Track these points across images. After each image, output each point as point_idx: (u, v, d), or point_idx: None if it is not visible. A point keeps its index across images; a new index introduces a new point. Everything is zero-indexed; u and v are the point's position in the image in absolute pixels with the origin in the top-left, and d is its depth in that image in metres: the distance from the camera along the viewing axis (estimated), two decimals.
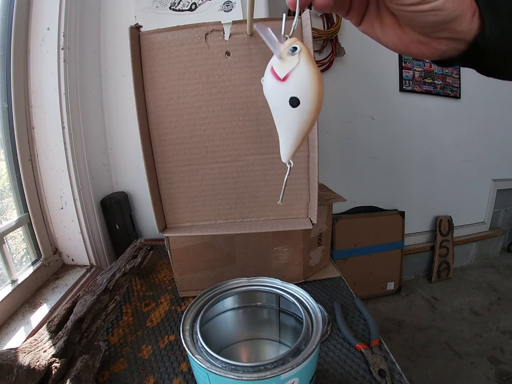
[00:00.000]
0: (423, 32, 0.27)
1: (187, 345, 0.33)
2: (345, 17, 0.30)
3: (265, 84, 0.24)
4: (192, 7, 0.89)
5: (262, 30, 0.24)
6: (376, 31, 0.29)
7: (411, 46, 0.28)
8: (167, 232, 0.59)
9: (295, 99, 0.21)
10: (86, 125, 0.85)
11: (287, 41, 0.23)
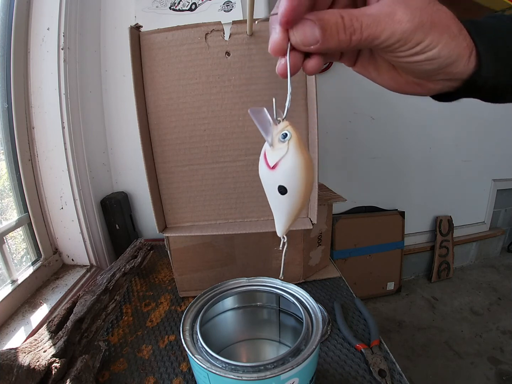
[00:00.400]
0: (418, 77, 0.27)
1: (187, 345, 0.33)
2: (338, 61, 0.29)
3: (259, 168, 0.24)
4: (192, 7, 0.89)
5: (256, 112, 0.24)
6: (371, 73, 0.29)
7: (406, 87, 0.28)
8: (167, 232, 0.59)
9: (283, 187, 0.22)
10: (86, 125, 0.85)
11: (280, 124, 0.23)
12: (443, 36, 0.23)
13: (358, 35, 0.22)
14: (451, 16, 0.24)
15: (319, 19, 0.21)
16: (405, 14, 0.22)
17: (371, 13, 0.22)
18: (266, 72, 0.54)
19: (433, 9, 0.23)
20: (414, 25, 0.22)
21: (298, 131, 0.23)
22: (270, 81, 0.55)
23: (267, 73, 0.54)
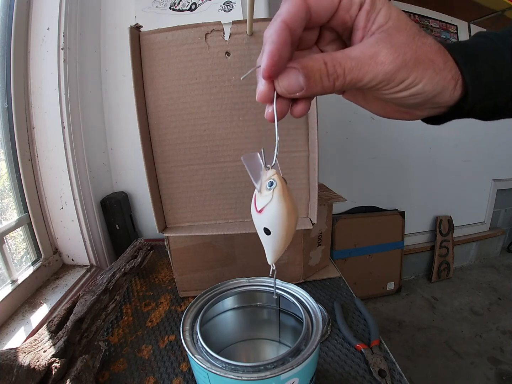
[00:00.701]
0: (404, 107, 0.27)
1: (187, 345, 0.33)
2: None
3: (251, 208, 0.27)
4: (192, 7, 0.89)
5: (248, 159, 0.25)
6: (360, 101, 0.30)
7: (395, 115, 0.29)
8: (167, 232, 0.59)
9: (267, 229, 0.25)
10: (86, 125, 0.85)
11: (269, 171, 0.25)
12: (427, 72, 0.23)
13: (341, 81, 0.22)
14: (437, 48, 0.24)
15: (303, 67, 0.22)
16: (388, 54, 0.22)
17: (354, 56, 0.22)
18: None
19: (418, 44, 0.23)
20: (397, 65, 0.22)
21: (283, 180, 0.25)
22: None
23: None
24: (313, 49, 0.26)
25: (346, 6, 0.23)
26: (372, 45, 0.22)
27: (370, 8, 0.23)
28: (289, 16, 0.21)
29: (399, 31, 0.23)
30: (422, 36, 0.24)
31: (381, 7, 0.23)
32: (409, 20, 0.24)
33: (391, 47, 0.22)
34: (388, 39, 0.22)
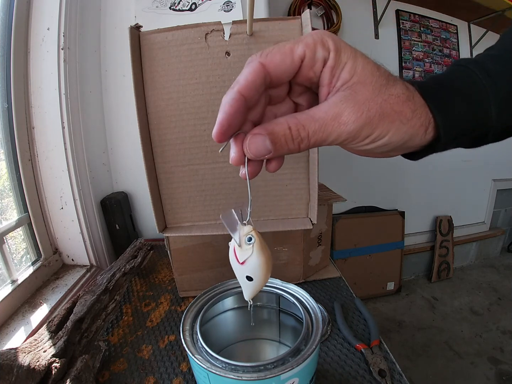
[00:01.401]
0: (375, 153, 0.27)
1: (187, 345, 0.33)
2: None
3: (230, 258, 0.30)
4: (192, 7, 0.89)
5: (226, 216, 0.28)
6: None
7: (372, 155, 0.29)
8: (167, 232, 0.59)
9: (250, 277, 0.29)
10: (86, 125, 0.85)
11: (246, 227, 0.28)
12: (393, 124, 0.23)
13: (305, 143, 0.23)
14: (405, 98, 0.24)
15: (269, 132, 0.23)
16: (351, 113, 0.22)
17: (318, 118, 0.22)
18: None
19: (383, 97, 0.23)
20: (360, 123, 0.22)
21: (259, 234, 0.28)
22: None
23: None
24: (286, 101, 0.27)
25: (309, 63, 0.23)
26: (336, 104, 0.22)
27: (334, 63, 0.23)
28: (246, 85, 0.22)
29: (365, 85, 0.23)
30: (390, 86, 0.23)
31: (346, 61, 0.23)
32: (376, 70, 0.24)
33: (355, 105, 0.22)
34: (352, 96, 0.23)
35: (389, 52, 1.73)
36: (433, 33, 1.78)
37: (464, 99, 0.25)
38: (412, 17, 1.73)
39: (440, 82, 0.26)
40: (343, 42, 0.23)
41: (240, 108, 0.23)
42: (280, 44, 0.23)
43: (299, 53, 0.22)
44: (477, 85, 0.25)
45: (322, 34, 0.23)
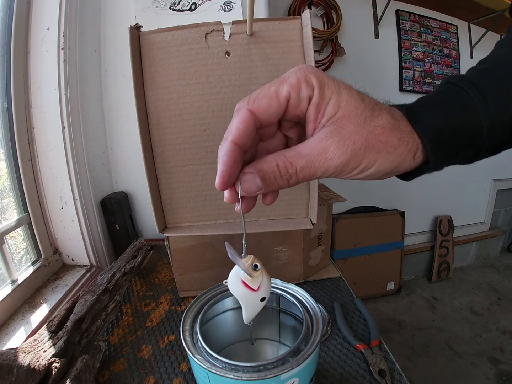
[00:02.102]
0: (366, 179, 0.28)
1: (187, 345, 0.33)
2: None
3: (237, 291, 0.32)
4: (192, 7, 0.89)
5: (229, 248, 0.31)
6: None
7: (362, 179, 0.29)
8: (167, 232, 0.59)
9: (264, 298, 0.32)
10: (86, 125, 0.85)
11: (247, 258, 0.31)
12: (379, 155, 0.24)
13: (294, 179, 0.24)
14: (390, 128, 0.24)
15: (258, 170, 0.24)
16: (337, 149, 0.23)
17: (305, 154, 0.23)
18: (266, 72, 0.54)
19: (369, 128, 0.23)
20: (346, 158, 0.23)
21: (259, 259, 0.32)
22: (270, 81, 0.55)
23: (267, 73, 0.54)
24: (276, 135, 0.27)
25: (295, 103, 0.24)
26: (321, 140, 0.23)
27: (319, 100, 0.23)
28: (238, 134, 0.23)
29: (349, 119, 0.23)
30: (375, 117, 0.24)
31: (330, 97, 0.23)
32: (360, 102, 0.24)
33: (340, 139, 0.23)
34: (337, 131, 0.23)
35: (389, 52, 1.73)
36: (433, 33, 1.78)
37: (454, 121, 0.25)
38: (412, 17, 1.73)
39: (429, 103, 0.27)
40: (326, 77, 0.24)
41: (237, 157, 0.24)
42: (265, 87, 0.24)
43: (284, 94, 0.23)
44: (468, 104, 0.25)
45: (305, 71, 0.24)
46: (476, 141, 0.26)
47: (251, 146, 0.25)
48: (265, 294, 0.32)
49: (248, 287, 0.31)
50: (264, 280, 0.31)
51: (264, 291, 0.31)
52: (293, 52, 0.54)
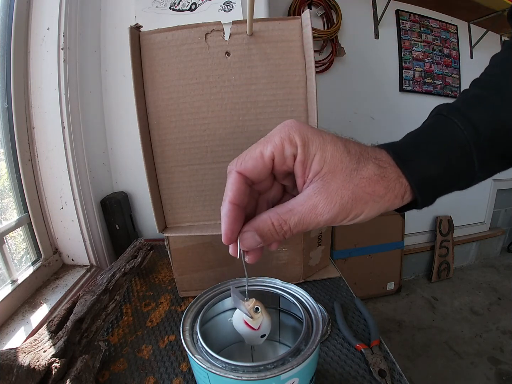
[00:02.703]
0: None
1: (187, 345, 0.33)
2: None
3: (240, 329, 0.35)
4: (192, 7, 0.89)
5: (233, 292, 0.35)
6: None
7: None
8: (167, 232, 0.59)
9: (264, 335, 0.36)
10: (86, 125, 0.85)
11: (250, 301, 0.35)
12: (367, 205, 0.25)
13: (289, 234, 0.26)
14: (377, 177, 0.24)
15: (256, 229, 0.26)
16: (325, 205, 0.24)
17: (297, 212, 0.25)
18: (266, 72, 0.54)
19: (355, 181, 0.24)
20: (335, 212, 0.24)
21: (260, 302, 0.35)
22: (270, 81, 0.55)
23: (267, 73, 0.54)
24: (274, 186, 0.29)
25: (280, 161, 0.25)
26: (310, 197, 0.25)
27: (303, 158, 0.25)
28: (233, 195, 0.25)
29: (335, 174, 0.24)
30: (361, 168, 0.24)
31: (315, 153, 0.24)
32: (346, 155, 0.25)
33: (328, 196, 0.24)
34: (324, 188, 0.24)
35: (389, 52, 1.73)
36: (433, 33, 1.78)
37: (444, 160, 0.25)
38: (412, 17, 1.73)
39: (418, 142, 0.27)
40: (311, 132, 0.25)
41: (236, 215, 0.26)
42: (252, 148, 0.26)
43: (268, 155, 0.25)
44: (459, 138, 0.25)
45: (288, 130, 0.25)
46: (467, 175, 0.26)
47: (249, 201, 0.27)
48: (265, 332, 0.35)
49: (250, 327, 0.35)
50: (264, 320, 0.35)
51: (264, 330, 0.35)
52: (293, 52, 0.54)
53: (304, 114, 0.56)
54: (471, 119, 0.26)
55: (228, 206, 0.26)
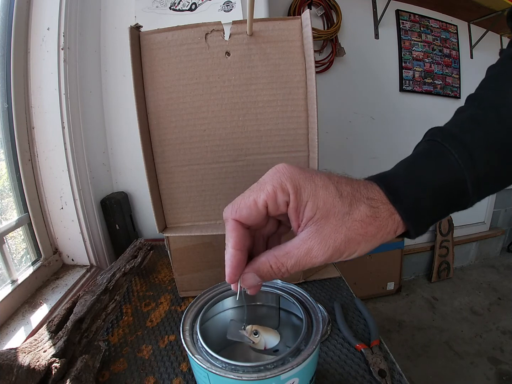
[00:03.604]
0: None
1: (187, 345, 0.33)
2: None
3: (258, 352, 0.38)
4: (192, 7, 0.89)
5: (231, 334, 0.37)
6: None
7: None
8: (167, 232, 0.59)
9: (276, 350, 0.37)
10: (86, 125, 0.85)
11: (249, 327, 0.37)
12: (359, 245, 0.26)
13: (287, 274, 0.27)
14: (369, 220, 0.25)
15: (255, 270, 0.27)
16: (319, 249, 0.25)
17: (293, 255, 0.26)
18: (266, 72, 0.54)
19: (347, 225, 0.25)
20: (329, 255, 0.25)
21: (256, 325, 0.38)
22: (270, 81, 0.55)
23: (267, 73, 0.54)
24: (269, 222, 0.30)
25: (274, 208, 0.26)
26: (305, 242, 0.26)
27: (296, 205, 0.25)
28: (234, 241, 0.27)
29: (328, 219, 0.25)
30: (354, 211, 0.25)
31: (307, 200, 0.25)
32: (338, 199, 0.25)
33: (321, 240, 0.25)
34: (318, 232, 0.25)
35: (389, 52, 1.73)
36: (433, 33, 1.78)
37: (438, 190, 0.26)
38: (412, 17, 1.73)
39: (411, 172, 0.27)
40: (302, 178, 0.25)
41: (240, 260, 0.27)
42: (246, 195, 0.26)
43: (261, 203, 0.26)
44: (453, 167, 0.26)
45: (280, 177, 0.25)
46: (462, 203, 0.27)
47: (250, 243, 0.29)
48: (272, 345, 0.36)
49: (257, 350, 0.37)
50: (268, 339, 0.36)
51: (273, 346, 0.36)
52: (293, 52, 0.54)
53: (304, 114, 0.56)
54: (466, 145, 0.26)
55: (231, 252, 0.27)
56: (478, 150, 0.25)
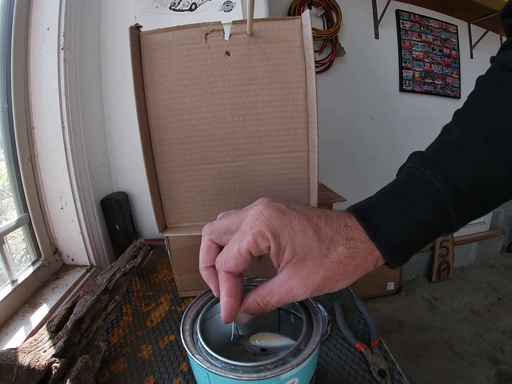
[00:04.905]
0: None
1: (187, 345, 0.33)
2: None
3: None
4: (192, 7, 0.89)
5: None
6: None
7: None
8: (167, 232, 0.59)
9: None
10: (86, 125, 0.85)
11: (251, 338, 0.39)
12: (338, 283, 0.27)
13: (274, 308, 0.29)
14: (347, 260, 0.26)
15: (245, 310, 0.30)
16: (299, 289, 0.27)
17: (275, 293, 0.28)
18: (266, 72, 0.54)
19: (325, 266, 0.26)
20: (309, 293, 0.27)
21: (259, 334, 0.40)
22: (270, 81, 0.55)
23: (267, 73, 0.54)
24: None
25: (257, 253, 0.28)
26: (285, 282, 0.28)
27: (276, 250, 0.27)
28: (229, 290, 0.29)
29: (305, 262, 0.27)
30: (331, 252, 0.26)
31: (285, 245, 0.27)
32: (315, 242, 0.26)
33: (300, 281, 0.27)
34: (297, 274, 0.27)
35: (389, 52, 1.73)
36: (433, 33, 1.78)
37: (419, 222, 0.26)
38: (412, 17, 1.73)
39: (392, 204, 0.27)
40: (280, 225, 0.27)
41: (234, 305, 0.30)
42: (230, 247, 0.28)
43: (244, 252, 0.27)
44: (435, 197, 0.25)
45: (259, 226, 0.27)
46: (444, 230, 0.27)
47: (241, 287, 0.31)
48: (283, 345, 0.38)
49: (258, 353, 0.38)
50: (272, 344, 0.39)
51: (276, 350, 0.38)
52: (293, 52, 0.54)
53: (304, 114, 0.56)
54: (450, 174, 0.25)
55: (225, 299, 0.30)
56: (462, 180, 0.25)
